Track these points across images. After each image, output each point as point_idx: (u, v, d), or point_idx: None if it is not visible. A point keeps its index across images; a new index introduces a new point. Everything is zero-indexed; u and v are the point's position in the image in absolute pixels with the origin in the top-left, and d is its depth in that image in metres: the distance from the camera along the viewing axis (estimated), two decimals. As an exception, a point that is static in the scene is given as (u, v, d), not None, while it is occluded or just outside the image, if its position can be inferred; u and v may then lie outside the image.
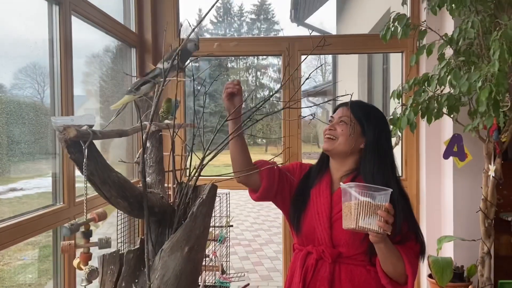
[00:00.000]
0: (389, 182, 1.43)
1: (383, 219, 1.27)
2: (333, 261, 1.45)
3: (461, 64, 2.00)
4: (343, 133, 1.49)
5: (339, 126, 1.51)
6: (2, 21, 1.69)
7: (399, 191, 1.44)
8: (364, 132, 1.50)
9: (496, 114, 1.78)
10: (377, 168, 1.46)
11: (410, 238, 1.43)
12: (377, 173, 1.45)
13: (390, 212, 1.29)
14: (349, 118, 1.50)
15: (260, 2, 22.34)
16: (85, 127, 0.93)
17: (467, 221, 2.45)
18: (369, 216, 1.27)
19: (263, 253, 5.98)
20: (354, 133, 1.50)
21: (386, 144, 1.51)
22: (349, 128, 1.49)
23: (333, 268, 1.45)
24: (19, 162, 1.89)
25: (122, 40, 2.68)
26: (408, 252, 1.40)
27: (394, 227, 1.33)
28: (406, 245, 1.41)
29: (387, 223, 1.28)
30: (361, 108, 1.54)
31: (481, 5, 2.04)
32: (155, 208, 1.20)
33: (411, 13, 2.76)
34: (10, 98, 1.80)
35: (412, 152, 2.80)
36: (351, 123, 1.50)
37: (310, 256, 1.49)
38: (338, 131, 1.50)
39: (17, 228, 1.60)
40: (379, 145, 1.49)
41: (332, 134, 1.51)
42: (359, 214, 1.28)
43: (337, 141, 1.50)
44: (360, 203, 1.28)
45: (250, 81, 23.47)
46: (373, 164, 1.46)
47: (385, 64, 4.75)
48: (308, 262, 1.48)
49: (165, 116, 1.70)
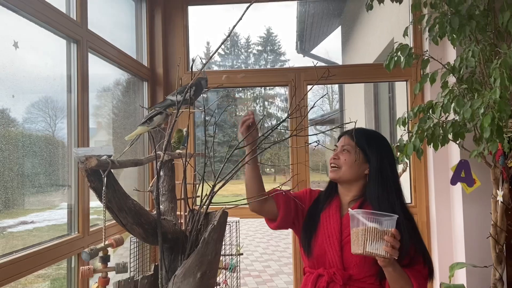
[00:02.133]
0: (394, 206, 1.48)
1: (389, 244, 1.32)
2: (344, 284, 1.47)
3: (464, 91, 2.05)
4: (346, 162, 1.55)
5: (342, 155, 1.57)
6: (23, 58, 1.79)
7: (404, 215, 1.47)
8: (368, 158, 1.55)
9: (500, 139, 1.81)
10: (382, 193, 1.50)
11: (418, 261, 1.46)
12: (382, 198, 1.49)
13: (396, 238, 1.33)
14: (352, 146, 1.56)
15: (266, 34, 22.81)
16: (104, 157, 0.99)
17: (479, 248, 2.44)
18: (376, 241, 1.32)
19: (273, 284, 5.89)
20: (357, 160, 1.54)
21: (389, 169, 1.55)
22: (352, 156, 1.55)
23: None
24: (30, 195, 1.92)
25: (134, 74, 2.78)
26: (417, 275, 1.42)
27: (401, 251, 1.36)
28: (415, 268, 1.44)
29: (394, 248, 1.32)
30: (363, 135, 1.58)
31: (481, 34, 2.11)
32: (168, 235, 1.24)
33: (414, 43, 2.84)
34: (22, 132, 1.86)
35: (421, 178, 2.82)
36: (355, 151, 1.55)
37: (321, 279, 1.51)
38: (341, 160, 1.56)
39: (34, 257, 1.63)
40: (382, 171, 1.53)
41: (336, 164, 1.57)
42: (366, 239, 1.33)
43: (341, 170, 1.56)
44: (367, 229, 1.33)
45: (258, 111, 23.61)
46: (377, 189, 1.51)
47: (390, 92, 4.83)
48: (319, 284, 1.50)
49: (177, 146, 1.76)
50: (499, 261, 2.14)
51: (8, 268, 1.50)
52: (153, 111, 1.45)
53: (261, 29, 20.05)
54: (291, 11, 5.48)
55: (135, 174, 2.90)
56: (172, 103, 1.40)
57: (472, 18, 2.03)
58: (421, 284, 1.42)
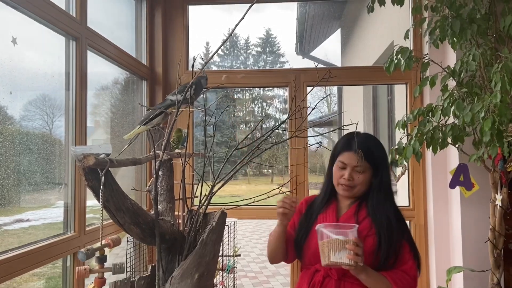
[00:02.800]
0: (388, 211, 1.57)
1: (352, 252, 1.40)
2: (339, 278, 1.54)
3: (464, 95, 2.04)
4: (361, 182, 1.60)
5: (356, 174, 1.60)
6: (21, 55, 1.78)
7: (396, 218, 1.58)
8: (374, 174, 1.62)
9: (500, 144, 1.80)
10: (380, 200, 1.59)
11: (406, 261, 1.54)
12: (379, 205, 1.58)
13: (359, 245, 1.41)
14: (364, 166, 1.60)
15: (266, 36, 22.83)
16: (102, 155, 0.98)
17: (476, 252, 2.43)
18: (339, 251, 1.42)
19: (270, 285, 5.88)
20: (369, 179, 1.61)
21: (387, 177, 1.63)
22: (366, 176, 1.61)
23: (338, 285, 1.54)
24: (26, 192, 1.90)
25: (134, 73, 2.77)
26: (401, 278, 1.50)
27: (387, 253, 1.49)
28: (402, 270, 1.52)
29: (357, 255, 1.40)
30: (370, 152, 1.62)
31: (482, 38, 2.10)
32: (166, 235, 1.23)
33: (414, 46, 2.84)
34: (19, 129, 1.85)
35: (419, 182, 2.82)
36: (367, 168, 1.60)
37: (318, 274, 1.58)
38: (355, 180, 1.60)
39: (29, 256, 1.62)
40: (382, 180, 1.61)
41: (350, 185, 1.61)
42: (329, 251, 1.43)
43: (355, 188, 1.61)
44: (330, 241, 1.43)
45: (256, 112, 23.63)
46: (378, 197, 1.60)
47: (390, 95, 4.83)
48: (316, 279, 1.57)
49: (176, 146, 1.75)
50: (497, 266, 2.13)
51: (3, 266, 1.48)
52: (155, 112, 1.44)
53: (261, 30, 20.04)
54: (291, 13, 5.49)
55: (133, 174, 2.88)
56: (172, 103, 1.39)
57: (473, 21, 2.03)
58: (405, 284, 1.50)
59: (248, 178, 20.47)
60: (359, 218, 1.58)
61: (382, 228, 1.53)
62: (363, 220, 1.58)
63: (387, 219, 1.55)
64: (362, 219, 1.58)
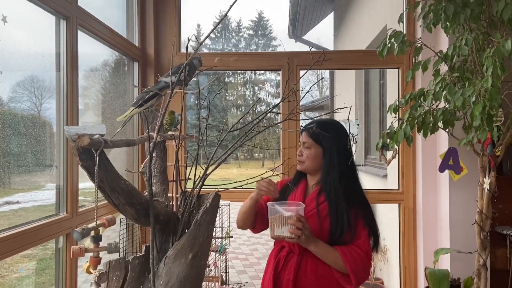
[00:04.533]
0: (337, 190, 1.71)
1: (293, 227, 1.56)
2: (300, 253, 1.72)
3: (455, 80, 2.06)
4: (308, 158, 1.80)
5: (305, 150, 1.81)
6: (11, 34, 1.74)
7: (354, 198, 1.73)
8: (324, 152, 1.78)
9: (490, 128, 1.82)
10: (329, 179, 1.74)
11: (360, 236, 1.69)
12: (329, 183, 1.73)
13: (301, 220, 1.57)
14: (311, 142, 1.79)
15: (258, 18, 22.61)
16: (97, 136, 0.97)
17: (464, 234, 2.49)
18: (282, 226, 1.59)
19: (260, 267, 5.96)
20: (317, 156, 1.78)
21: (337, 158, 1.76)
22: (312, 151, 1.79)
23: (300, 259, 1.72)
24: (15, 174, 1.90)
25: (125, 54, 2.74)
26: (351, 251, 1.65)
27: (339, 229, 1.65)
28: (355, 244, 1.67)
29: (298, 229, 1.56)
30: (317, 131, 1.76)
31: (475, 23, 2.11)
32: (160, 216, 1.24)
33: (407, 30, 2.84)
34: (7, 111, 1.83)
35: (409, 165, 2.85)
36: (314, 146, 1.78)
37: (283, 250, 1.78)
38: (304, 156, 1.81)
39: (21, 237, 1.62)
40: (331, 161, 1.75)
41: (300, 159, 1.83)
42: (274, 225, 1.61)
43: (305, 163, 1.81)
44: (276, 216, 1.60)
45: (248, 96, 23.55)
46: (326, 176, 1.75)
47: (382, 80, 4.84)
48: (281, 254, 1.78)
49: (169, 128, 1.74)
50: (484, 248, 2.18)
51: (-5, 247, 1.48)
52: (149, 94, 1.42)
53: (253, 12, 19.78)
54: (284, -5, 5.42)
55: (124, 156, 2.87)
56: (166, 85, 1.38)
57: (466, 6, 2.03)
58: (353, 259, 1.64)
59: (239, 162, 20.51)
60: (319, 200, 1.74)
61: (331, 207, 1.70)
62: (324, 201, 1.73)
63: (336, 199, 1.70)
64: (323, 200, 1.74)
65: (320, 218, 1.70)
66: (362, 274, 1.67)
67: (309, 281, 1.69)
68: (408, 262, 2.84)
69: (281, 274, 1.74)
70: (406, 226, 2.85)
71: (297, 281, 1.70)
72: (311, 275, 1.69)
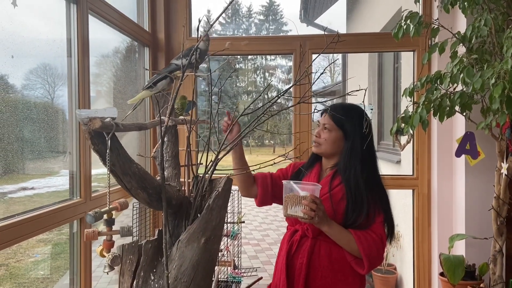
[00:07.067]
0: (357, 177, 1.68)
1: (307, 207, 1.54)
2: (314, 237, 1.71)
3: (474, 62, 2.00)
4: (326, 141, 1.77)
5: (324, 133, 1.78)
6: (21, 18, 1.73)
7: (371, 183, 1.70)
8: (345, 136, 1.75)
9: (509, 111, 1.77)
10: (349, 165, 1.71)
11: (375, 222, 1.66)
12: (348, 169, 1.70)
13: (315, 201, 1.55)
14: (332, 125, 1.76)
15: (268, 3, 22.30)
16: (108, 119, 0.96)
17: (479, 220, 2.45)
18: (296, 205, 1.57)
19: (272, 252, 5.99)
20: (336, 139, 1.76)
21: (360, 144, 1.72)
22: (332, 135, 1.76)
23: (314, 243, 1.70)
24: (30, 161, 1.91)
25: (136, 39, 2.72)
26: (365, 234, 1.63)
27: (357, 213, 1.63)
28: (369, 229, 1.65)
29: (312, 210, 1.54)
30: (342, 114, 1.74)
31: (494, 3, 2.04)
32: (172, 200, 1.23)
33: (423, 11, 2.76)
34: (21, 98, 1.83)
35: (424, 150, 2.80)
36: (335, 129, 1.75)
37: (297, 233, 1.76)
38: (322, 138, 1.78)
39: (36, 221, 1.63)
40: (353, 146, 1.72)
41: (317, 141, 1.80)
42: (288, 204, 1.59)
43: (322, 146, 1.78)
44: (290, 195, 1.59)
45: (259, 82, 23.48)
46: (345, 162, 1.72)
47: (397, 63, 4.75)
48: (294, 238, 1.76)
49: (180, 112, 1.73)
50: (500, 233, 2.15)
51: (11, 230, 1.50)
52: (159, 75, 1.41)
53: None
54: (296, -22, 5.33)
55: (136, 142, 2.87)
56: (177, 68, 1.36)
57: (486, -15, 1.96)
58: (366, 243, 1.62)
59: (250, 148, 20.54)
60: (333, 184, 1.72)
61: (349, 191, 1.67)
62: (338, 185, 1.71)
63: (356, 184, 1.67)
64: (337, 184, 1.72)
65: (334, 201, 1.69)
66: (376, 259, 1.65)
67: (322, 264, 1.68)
68: (422, 248, 2.81)
69: (294, 258, 1.73)
70: (420, 212, 2.81)
71: (310, 265, 1.69)
72: (325, 258, 1.69)
